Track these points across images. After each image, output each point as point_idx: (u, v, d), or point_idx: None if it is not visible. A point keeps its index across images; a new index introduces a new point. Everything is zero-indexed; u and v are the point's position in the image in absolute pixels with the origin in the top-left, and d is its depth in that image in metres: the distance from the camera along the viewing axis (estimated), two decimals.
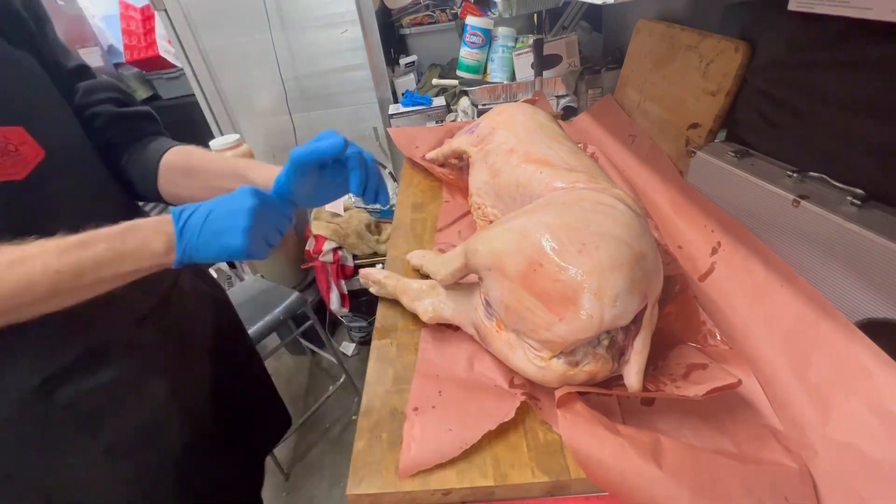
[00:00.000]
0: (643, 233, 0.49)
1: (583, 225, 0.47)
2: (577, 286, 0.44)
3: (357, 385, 1.69)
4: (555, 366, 0.48)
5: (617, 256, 0.45)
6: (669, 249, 0.72)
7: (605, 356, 0.48)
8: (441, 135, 1.13)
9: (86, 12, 2.54)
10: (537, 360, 0.49)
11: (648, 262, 0.47)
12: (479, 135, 0.85)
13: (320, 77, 1.71)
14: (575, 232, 0.46)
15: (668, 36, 0.93)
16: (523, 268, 0.47)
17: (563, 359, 0.48)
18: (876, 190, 0.54)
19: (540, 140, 0.72)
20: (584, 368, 0.47)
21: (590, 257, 0.45)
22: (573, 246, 0.45)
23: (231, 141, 1.58)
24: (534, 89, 1.34)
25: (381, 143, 1.82)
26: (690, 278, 0.66)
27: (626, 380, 0.47)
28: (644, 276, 0.46)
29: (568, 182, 0.60)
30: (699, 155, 0.76)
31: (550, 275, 0.45)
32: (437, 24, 1.77)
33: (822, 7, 0.54)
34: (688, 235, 0.73)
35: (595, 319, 0.44)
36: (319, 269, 1.73)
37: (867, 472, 0.40)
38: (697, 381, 0.48)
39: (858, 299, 0.53)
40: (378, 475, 0.49)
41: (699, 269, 0.67)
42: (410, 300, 0.66)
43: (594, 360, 0.47)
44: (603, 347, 0.48)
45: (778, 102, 0.67)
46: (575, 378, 0.48)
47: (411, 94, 1.63)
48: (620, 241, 0.46)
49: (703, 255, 0.68)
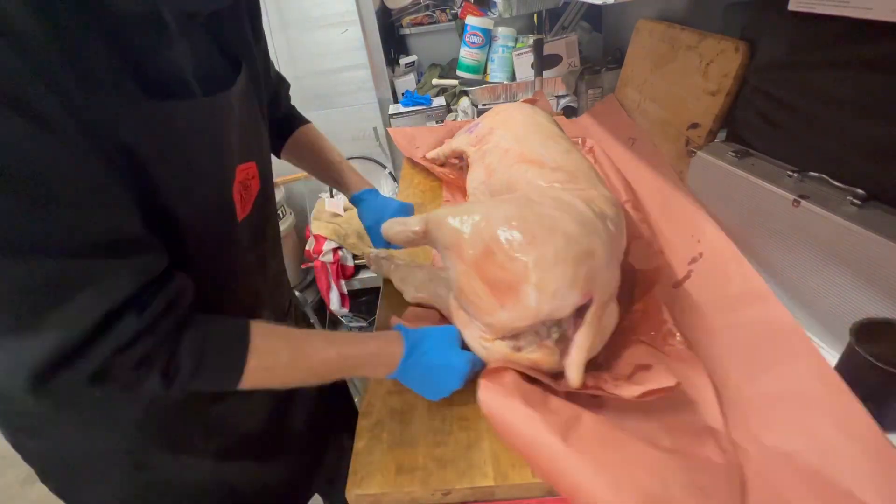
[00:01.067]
0: (596, 233, 0.50)
1: (537, 219, 0.49)
2: (520, 276, 0.47)
3: (357, 385, 1.69)
4: (498, 347, 0.50)
5: (562, 252, 0.47)
6: (656, 243, 0.72)
7: (551, 347, 0.49)
8: (441, 134, 1.13)
9: None
10: (483, 339, 0.51)
11: (597, 260, 0.48)
12: (478, 135, 0.85)
13: (320, 77, 1.71)
14: (528, 225, 0.48)
15: (668, 36, 0.93)
16: (478, 253, 0.49)
17: (507, 342, 0.50)
18: (876, 190, 0.54)
19: (535, 140, 0.73)
20: (528, 356, 0.49)
21: (536, 250, 0.47)
22: (524, 238, 0.48)
23: None
24: (534, 89, 1.34)
25: (381, 143, 1.82)
26: (670, 270, 0.67)
27: (566, 373, 0.48)
28: (589, 274, 0.47)
29: (548, 181, 0.61)
30: (699, 155, 0.76)
31: (499, 263, 0.48)
32: (437, 24, 1.77)
33: (822, 7, 0.54)
34: (672, 241, 0.73)
35: (532, 309, 0.46)
36: (319, 269, 1.73)
37: (798, 480, 0.42)
38: (638, 382, 0.48)
39: (858, 299, 0.53)
40: (378, 475, 0.49)
41: (675, 276, 0.68)
42: (399, 281, 0.71)
43: (538, 350, 0.49)
44: (552, 339, 0.49)
45: (778, 102, 0.67)
46: (519, 362, 0.50)
47: (411, 94, 1.63)
48: (569, 237, 0.48)
49: (682, 262, 0.68)
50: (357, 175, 0.82)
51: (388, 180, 1.88)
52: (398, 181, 1.82)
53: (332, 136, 1.85)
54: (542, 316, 0.47)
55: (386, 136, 1.81)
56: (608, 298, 0.50)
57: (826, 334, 0.58)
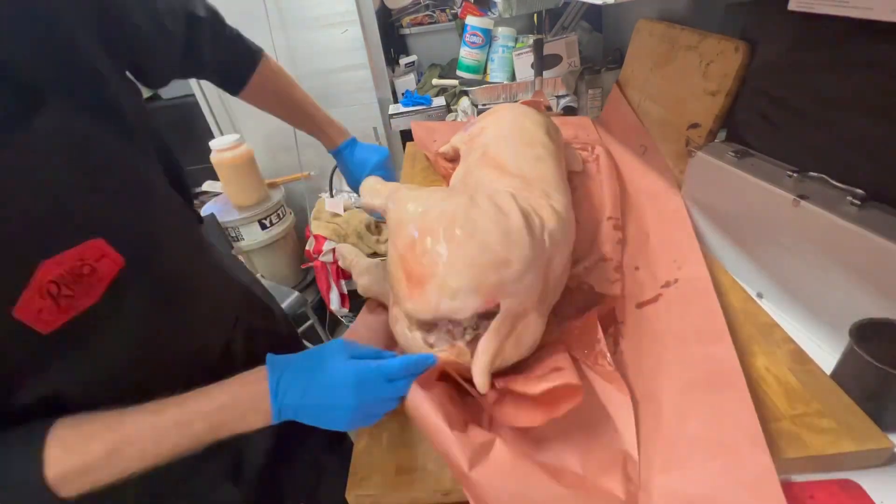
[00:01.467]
0: (518, 245, 0.50)
1: (464, 220, 0.50)
2: (429, 271, 0.48)
3: None
4: (414, 338, 0.52)
5: (474, 255, 0.48)
6: (622, 270, 0.71)
7: (462, 348, 0.50)
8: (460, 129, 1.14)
9: None
10: (406, 328, 0.53)
11: (510, 271, 0.48)
12: (471, 134, 0.86)
13: (320, 77, 1.71)
14: (454, 224, 0.49)
15: (668, 36, 0.93)
16: (406, 242, 0.51)
17: (421, 335, 0.51)
18: (876, 190, 0.54)
19: (512, 144, 0.74)
20: (438, 353, 0.50)
21: (451, 250, 0.48)
22: (444, 236, 0.49)
23: (231, 141, 1.58)
24: (534, 89, 1.34)
25: (381, 143, 1.82)
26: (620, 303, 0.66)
27: (473, 377, 0.48)
28: (498, 282, 0.48)
29: (504, 187, 0.62)
30: (699, 155, 0.76)
31: (418, 255, 0.49)
32: (437, 24, 1.77)
33: (822, 7, 0.54)
34: (651, 260, 0.72)
35: (431, 305, 0.48)
36: (319, 269, 1.73)
37: None
38: (546, 381, 0.48)
39: (858, 299, 0.53)
40: (378, 475, 0.49)
41: (644, 295, 0.67)
42: (356, 274, 0.73)
43: (450, 349, 0.50)
44: (464, 340, 0.50)
45: (778, 102, 0.67)
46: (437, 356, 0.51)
47: (411, 94, 1.63)
48: (486, 243, 0.48)
49: (655, 284, 0.67)
50: (331, 124, 0.78)
51: None
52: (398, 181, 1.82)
53: None
54: (440, 312, 0.48)
55: (386, 136, 1.81)
56: (521, 310, 0.50)
57: (826, 334, 0.58)
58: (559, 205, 0.61)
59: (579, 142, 1.02)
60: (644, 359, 0.58)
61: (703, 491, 0.43)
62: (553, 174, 0.69)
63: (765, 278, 0.67)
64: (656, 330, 0.61)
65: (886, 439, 0.45)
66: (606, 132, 1.14)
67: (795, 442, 0.46)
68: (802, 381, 0.52)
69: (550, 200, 0.61)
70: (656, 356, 0.57)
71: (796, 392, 0.51)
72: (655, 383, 0.54)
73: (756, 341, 0.58)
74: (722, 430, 0.46)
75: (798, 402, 0.50)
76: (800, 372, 0.53)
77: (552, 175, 0.68)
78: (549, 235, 0.54)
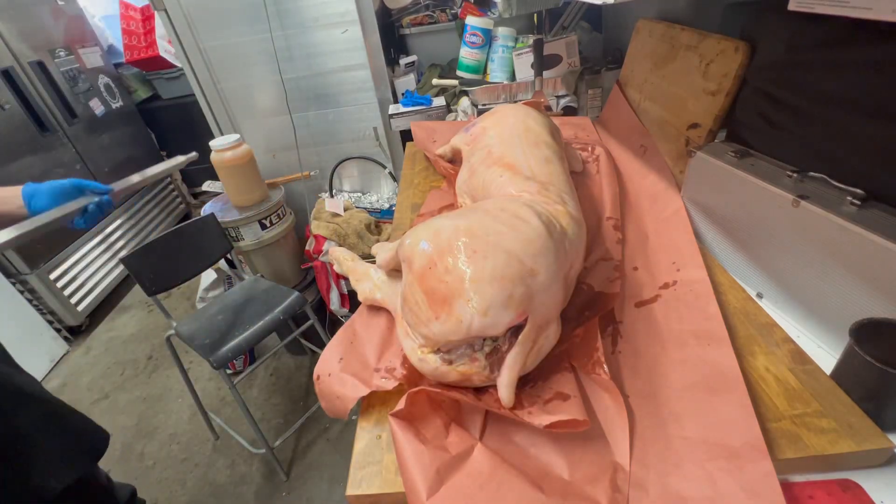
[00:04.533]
0: (543, 252, 0.49)
1: (484, 234, 0.48)
2: (456, 290, 0.46)
3: None
4: (431, 360, 0.51)
5: (501, 269, 0.46)
6: (622, 269, 0.71)
7: (482, 361, 0.49)
8: (460, 129, 1.14)
9: (86, 12, 2.55)
10: (419, 351, 0.52)
11: (538, 281, 0.47)
12: (473, 134, 0.86)
13: (320, 77, 1.71)
14: (474, 239, 0.48)
15: (668, 36, 0.93)
16: (424, 263, 0.49)
17: (440, 356, 0.50)
18: (876, 190, 0.54)
19: (518, 144, 0.73)
20: (458, 368, 0.49)
21: (475, 265, 0.46)
22: (465, 252, 0.47)
23: (231, 141, 1.58)
24: (534, 89, 1.34)
25: (381, 143, 1.82)
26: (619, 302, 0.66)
27: (499, 391, 0.48)
28: (527, 294, 0.47)
29: (518, 190, 0.61)
30: (699, 155, 0.76)
31: (439, 275, 0.48)
32: (437, 24, 1.77)
33: (822, 7, 0.54)
34: (651, 261, 0.72)
35: (464, 325, 0.46)
36: (319, 269, 1.73)
37: None
38: (551, 411, 0.48)
39: (858, 299, 0.53)
40: (378, 475, 0.49)
41: (642, 295, 0.67)
42: (355, 280, 0.72)
43: (469, 363, 0.49)
44: (483, 353, 0.49)
45: (778, 102, 0.67)
46: (447, 376, 0.50)
47: (411, 94, 1.63)
48: (511, 255, 0.47)
49: (654, 284, 0.68)
50: None
51: (388, 180, 1.89)
52: (398, 181, 1.82)
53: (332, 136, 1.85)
54: (474, 332, 0.47)
55: (386, 137, 1.81)
56: (546, 321, 0.50)
57: (826, 334, 0.58)
58: (575, 210, 0.60)
59: (579, 142, 1.02)
60: (642, 359, 0.58)
61: (702, 493, 0.43)
62: (564, 177, 0.68)
63: (764, 278, 0.67)
64: (655, 330, 0.61)
65: (886, 439, 0.45)
66: (606, 132, 1.14)
67: (795, 442, 0.46)
68: (802, 381, 0.52)
69: (567, 206, 0.60)
70: (654, 357, 0.57)
71: (796, 392, 0.51)
72: (653, 384, 0.54)
73: (756, 341, 0.58)
74: (721, 432, 0.46)
75: (798, 402, 0.50)
76: (800, 372, 0.53)
77: (564, 178, 0.67)
78: (568, 243, 0.54)
